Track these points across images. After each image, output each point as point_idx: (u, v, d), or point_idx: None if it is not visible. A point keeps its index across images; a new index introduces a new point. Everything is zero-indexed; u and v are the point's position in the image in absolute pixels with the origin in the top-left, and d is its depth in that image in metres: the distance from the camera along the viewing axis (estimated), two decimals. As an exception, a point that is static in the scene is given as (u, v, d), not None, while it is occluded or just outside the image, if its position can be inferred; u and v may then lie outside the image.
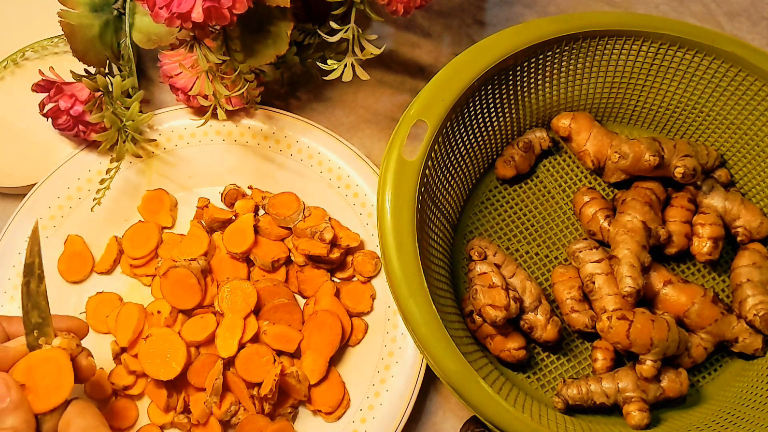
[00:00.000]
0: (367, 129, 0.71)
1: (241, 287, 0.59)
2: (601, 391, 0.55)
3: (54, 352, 0.46)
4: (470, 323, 0.58)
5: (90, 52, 0.63)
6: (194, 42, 0.57)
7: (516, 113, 0.65)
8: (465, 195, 0.64)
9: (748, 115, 0.62)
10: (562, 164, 0.67)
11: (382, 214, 0.52)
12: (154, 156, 0.65)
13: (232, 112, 0.66)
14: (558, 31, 0.60)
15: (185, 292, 0.59)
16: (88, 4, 0.63)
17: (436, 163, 0.57)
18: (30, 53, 0.71)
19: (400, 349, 0.59)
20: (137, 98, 0.62)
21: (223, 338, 0.57)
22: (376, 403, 0.57)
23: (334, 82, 0.58)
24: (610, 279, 0.57)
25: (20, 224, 0.62)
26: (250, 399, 0.56)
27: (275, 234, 0.63)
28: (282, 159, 0.66)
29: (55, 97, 0.62)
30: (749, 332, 0.57)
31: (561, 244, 0.64)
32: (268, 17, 0.59)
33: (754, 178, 0.64)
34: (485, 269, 0.57)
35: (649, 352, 0.54)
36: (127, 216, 0.64)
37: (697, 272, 0.63)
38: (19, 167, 0.66)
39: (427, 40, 0.76)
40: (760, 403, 0.55)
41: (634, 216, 0.58)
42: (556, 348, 0.60)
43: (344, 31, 0.56)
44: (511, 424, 0.49)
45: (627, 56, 0.63)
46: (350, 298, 0.61)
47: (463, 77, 0.57)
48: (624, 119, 0.68)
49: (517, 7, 0.78)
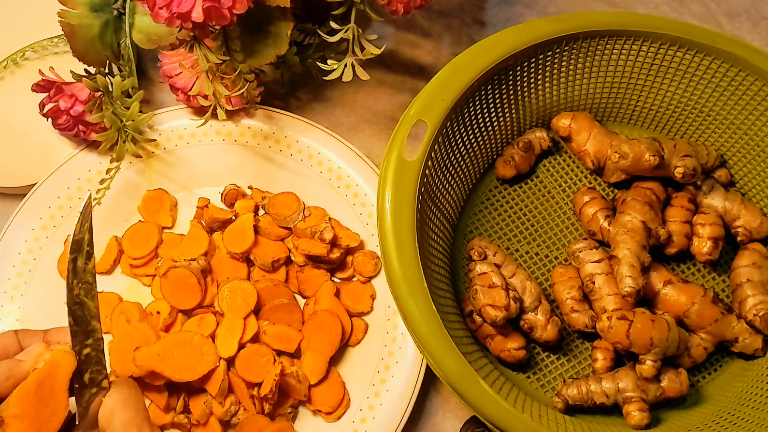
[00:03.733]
0: (367, 129, 0.71)
1: (241, 287, 0.59)
2: (601, 391, 0.55)
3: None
4: (470, 323, 0.58)
5: (90, 52, 0.63)
6: (194, 42, 0.57)
7: (516, 113, 0.65)
8: (465, 195, 0.64)
9: (748, 115, 0.62)
10: (562, 164, 0.67)
11: (382, 214, 0.52)
12: (154, 156, 0.65)
13: (232, 112, 0.66)
14: (558, 31, 0.60)
15: (185, 292, 0.59)
16: (88, 4, 0.63)
17: (436, 163, 0.57)
18: (30, 53, 0.71)
19: (400, 349, 0.59)
20: (137, 98, 0.62)
21: (223, 338, 0.57)
22: (376, 403, 0.57)
23: (334, 82, 0.58)
24: (610, 279, 0.57)
25: (20, 224, 0.62)
26: (250, 399, 0.56)
27: (275, 234, 0.63)
28: (282, 159, 0.66)
29: (55, 97, 0.62)
30: (749, 332, 0.57)
31: (561, 244, 0.64)
32: (268, 17, 0.59)
33: (754, 178, 0.64)
34: (485, 269, 0.57)
35: (649, 352, 0.54)
36: (127, 216, 0.64)
37: (697, 272, 0.63)
38: (19, 167, 0.66)
39: (427, 40, 0.76)
40: (760, 403, 0.55)
41: (634, 216, 0.58)
42: (556, 348, 0.60)
43: (344, 31, 0.56)
44: (511, 424, 0.49)
45: (627, 56, 0.63)
46: (350, 298, 0.61)
47: (463, 77, 0.57)
48: (624, 119, 0.68)
49: (517, 7, 0.78)
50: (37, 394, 0.40)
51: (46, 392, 0.40)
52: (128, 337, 0.56)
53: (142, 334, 0.57)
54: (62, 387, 0.41)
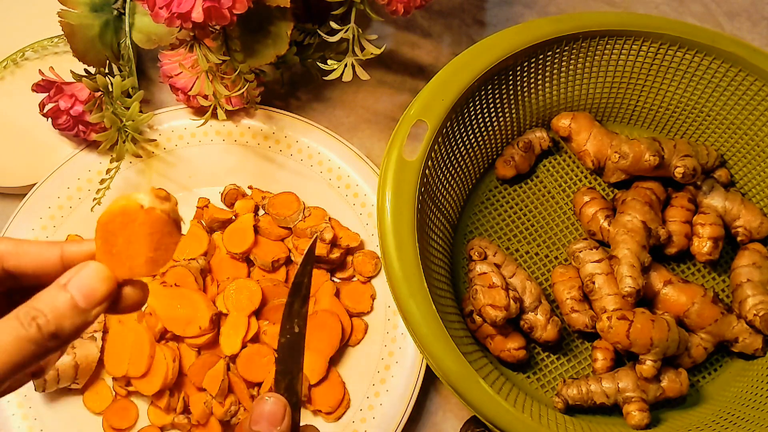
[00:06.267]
0: (367, 129, 0.71)
1: (246, 285, 0.59)
2: (601, 391, 0.55)
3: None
4: (470, 323, 0.58)
5: (90, 52, 0.63)
6: (194, 42, 0.57)
7: (516, 113, 0.65)
8: (465, 195, 0.64)
9: (748, 115, 0.62)
10: (562, 164, 0.67)
11: (382, 214, 0.52)
12: (154, 156, 0.65)
13: (232, 112, 0.66)
14: (558, 31, 0.60)
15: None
16: (88, 4, 0.63)
17: (436, 163, 0.57)
18: (30, 53, 0.71)
19: (400, 349, 0.59)
20: (137, 98, 0.62)
21: (227, 336, 0.57)
22: (376, 403, 0.57)
23: (334, 82, 0.58)
24: (610, 279, 0.57)
25: (20, 224, 0.62)
26: (250, 399, 0.56)
27: (275, 234, 0.63)
28: (282, 159, 0.66)
29: (55, 97, 0.61)
30: (749, 332, 0.57)
31: (561, 244, 0.64)
32: (268, 17, 0.59)
33: (754, 178, 0.64)
34: (485, 269, 0.57)
35: (649, 352, 0.54)
36: (127, 216, 0.64)
37: (697, 272, 0.63)
38: (19, 167, 0.66)
39: (427, 40, 0.76)
40: (760, 403, 0.55)
41: (634, 216, 0.58)
42: (556, 348, 0.60)
43: (344, 31, 0.56)
44: (511, 424, 0.49)
45: (627, 56, 0.63)
46: (350, 298, 0.61)
47: (463, 77, 0.57)
48: (624, 119, 0.68)
49: (517, 7, 0.78)
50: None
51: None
52: (122, 338, 0.57)
53: (136, 334, 0.57)
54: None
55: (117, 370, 0.56)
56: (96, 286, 0.32)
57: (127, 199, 0.32)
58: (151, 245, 0.33)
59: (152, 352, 0.56)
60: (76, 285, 0.32)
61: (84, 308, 0.31)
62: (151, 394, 0.56)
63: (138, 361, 0.56)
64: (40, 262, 0.34)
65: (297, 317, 0.42)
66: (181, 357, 0.58)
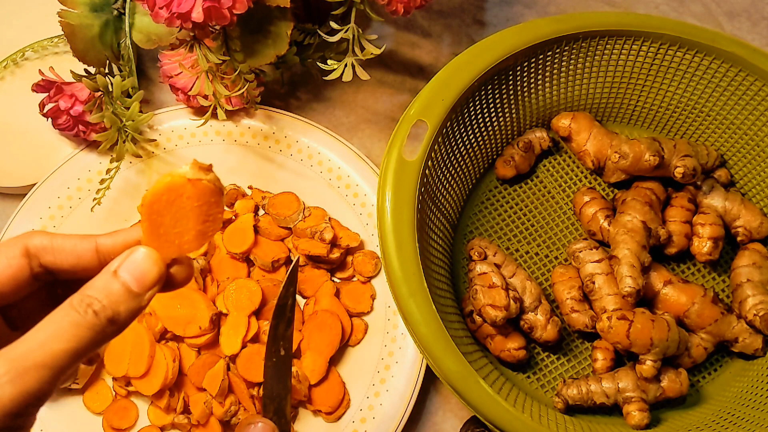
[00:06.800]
0: (367, 129, 0.71)
1: (246, 285, 0.59)
2: (601, 391, 0.55)
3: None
4: (470, 323, 0.58)
5: (90, 52, 0.63)
6: (194, 42, 0.57)
7: (516, 113, 0.65)
8: (465, 195, 0.64)
9: (748, 115, 0.62)
10: (562, 164, 0.67)
11: (382, 214, 0.52)
12: (154, 156, 0.65)
13: (232, 112, 0.66)
14: (558, 31, 0.60)
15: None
16: (88, 4, 0.63)
17: (436, 163, 0.57)
18: (30, 53, 0.71)
19: (400, 349, 0.59)
20: (137, 98, 0.62)
21: (227, 336, 0.57)
22: (376, 403, 0.57)
23: (334, 82, 0.58)
24: (610, 279, 0.57)
25: (20, 224, 0.62)
26: (250, 399, 0.56)
27: (275, 234, 0.63)
28: (282, 159, 0.66)
29: (55, 97, 0.62)
30: (749, 332, 0.57)
31: (561, 244, 0.64)
32: (268, 17, 0.59)
33: (754, 178, 0.64)
34: (485, 269, 0.57)
35: (649, 352, 0.54)
36: (127, 216, 0.64)
37: (697, 272, 0.63)
38: (19, 167, 0.66)
39: (427, 40, 0.76)
40: (760, 403, 0.55)
41: (634, 216, 0.58)
42: (556, 348, 0.60)
43: (344, 31, 0.56)
44: (511, 424, 0.49)
45: (627, 56, 0.63)
46: (350, 298, 0.61)
47: (463, 77, 0.57)
48: (624, 119, 0.68)
49: (517, 7, 0.78)
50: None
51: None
52: (122, 338, 0.56)
53: (136, 334, 0.57)
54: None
55: (117, 370, 0.56)
56: (147, 270, 0.32)
57: (171, 175, 0.32)
58: (200, 217, 0.33)
59: (152, 352, 0.56)
60: (128, 270, 0.32)
61: (137, 293, 0.32)
62: (151, 394, 0.56)
63: (138, 361, 0.56)
64: (75, 257, 0.34)
65: (282, 339, 0.42)
66: (181, 357, 0.58)
